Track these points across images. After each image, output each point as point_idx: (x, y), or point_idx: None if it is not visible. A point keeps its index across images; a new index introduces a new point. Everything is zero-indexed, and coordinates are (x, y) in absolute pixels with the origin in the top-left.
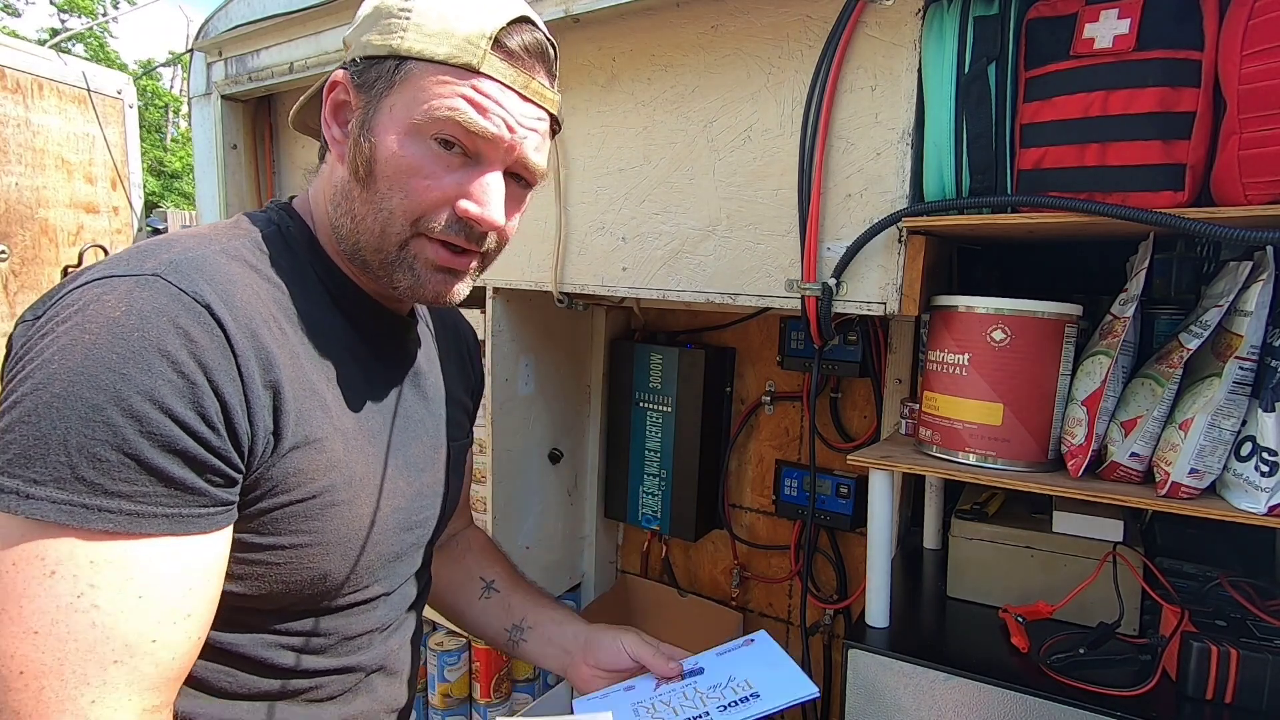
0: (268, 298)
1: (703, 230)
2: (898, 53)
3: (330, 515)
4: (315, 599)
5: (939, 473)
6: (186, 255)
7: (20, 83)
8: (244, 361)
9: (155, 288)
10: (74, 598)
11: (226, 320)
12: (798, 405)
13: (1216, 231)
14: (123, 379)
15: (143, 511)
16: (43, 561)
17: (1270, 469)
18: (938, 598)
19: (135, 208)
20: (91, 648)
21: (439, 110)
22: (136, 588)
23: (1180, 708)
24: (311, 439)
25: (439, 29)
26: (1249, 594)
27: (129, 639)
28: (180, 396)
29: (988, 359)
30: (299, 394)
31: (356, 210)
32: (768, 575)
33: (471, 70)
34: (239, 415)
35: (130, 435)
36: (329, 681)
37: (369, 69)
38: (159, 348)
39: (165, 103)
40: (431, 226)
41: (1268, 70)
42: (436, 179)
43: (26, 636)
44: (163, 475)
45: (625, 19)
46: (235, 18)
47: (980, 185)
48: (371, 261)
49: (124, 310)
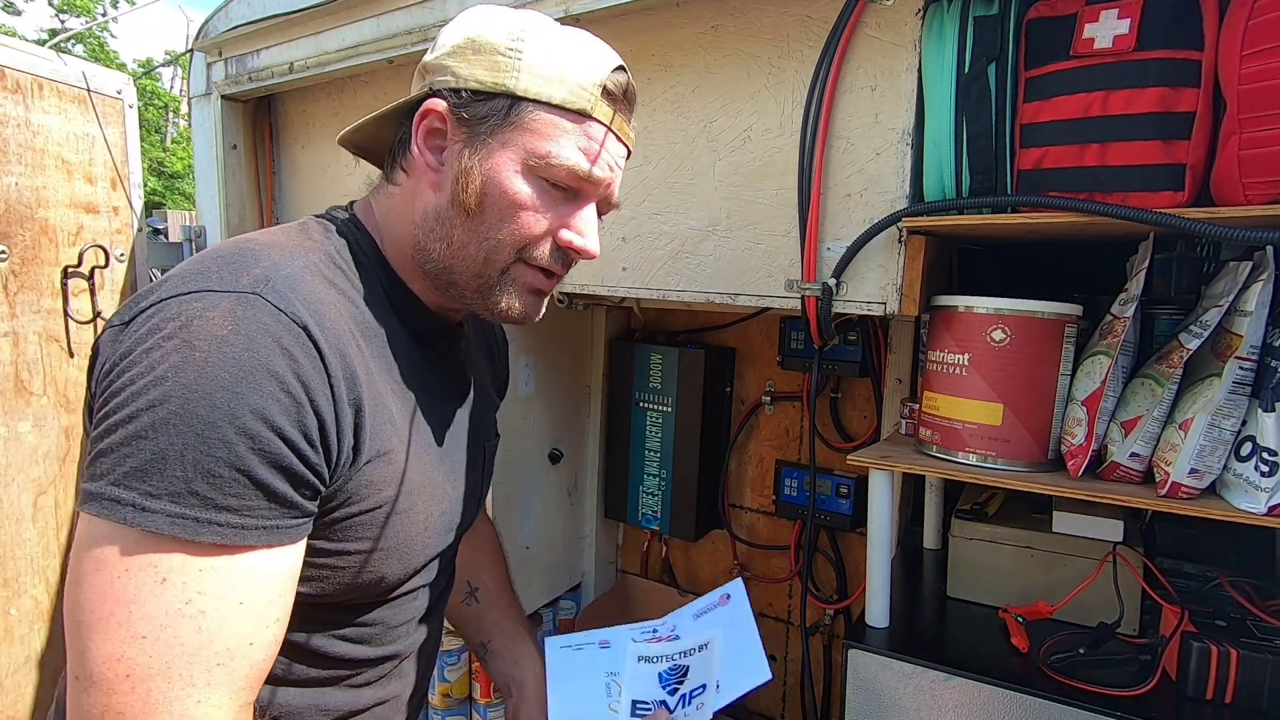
0: (346, 315)
1: (703, 230)
2: (898, 53)
3: (392, 523)
4: (371, 597)
5: (939, 473)
6: (278, 273)
7: (20, 83)
8: (335, 381)
9: (257, 307)
10: (182, 604)
11: (321, 342)
12: (798, 405)
13: (1216, 231)
14: (237, 398)
15: (247, 524)
16: (155, 570)
17: (1270, 469)
18: (938, 598)
19: (135, 208)
20: (197, 651)
21: (556, 159)
22: (238, 595)
23: (1180, 708)
24: (383, 452)
25: (553, 74)
26: (1249, 594)
27: (230, 643)
28: (287, 415)
29: (988, 359)
30: (374, 409)
31: (456, 237)
32: (768, 575)
33: (584, 115)
34: (332, 432)
35: (243, 452)
36: (370, 667)
37: (475, 103)
38: (268, 368)
39: (165, 103)
40: (535, 255)
41: (1268, 70)
42: (543, 213)
43: (134, 641)
44: (268, 490)
45: (625, 19)
46: (235, 18)
47: (980, 185)
48: (467, 285)
49: (231, 329)
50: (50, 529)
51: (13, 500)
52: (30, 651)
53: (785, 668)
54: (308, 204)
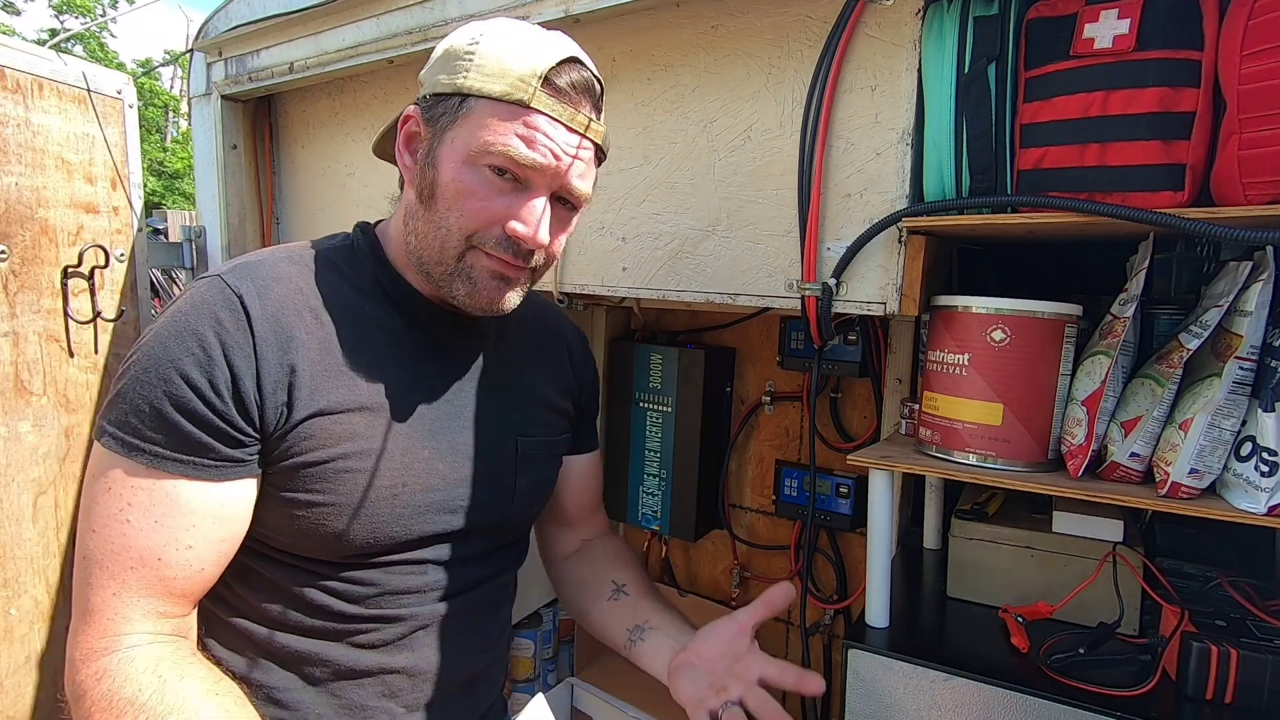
0: (310, 292)
1: (703, 230)
2: (898, 53)
3: (344, 480)
4: (346, 554)
5: (939, 473)
6: (250, 260)
7: (20, 83)
8: (262, 342)
9: (212, 285)
10: (116, 510)
11: (254, 309)
12: (798, 405)
13: (1216, 231)
14: (164, 350)
15: (166, 455)
16: (105, 479)
17: (1270, 469)
18: (938, 598)
19: (135, 208)
20: (120, 552)
21: (493, 145)
22: (156, 514)
23: (1180, 708)
24: (327, 410)
25: (496, 69)
26: (1249, 594)
27: (142, 552)
28: (198, 367)
29: (988, 359)
30: (319, 372)
31: (419, 228)
32: (768, 575)
33: (523, 105)
34: (249, 385)
35: (159, 394)
36: (369, 629)
37: (436, 104)
38: (193, 329)
39: (164, 103)
40: (484, 241)
41: (1268, 70)
42: (489, 200)
43: (90, 533)
44: (177, 429)
45: (625, 19)
46: (235, 18)
47: (980, 185)
48: (434, 273)
49: (185, 302)
50: (50, 529)
51: (13, 500)
52: (30, 651)
53: None
54: (308, 204)
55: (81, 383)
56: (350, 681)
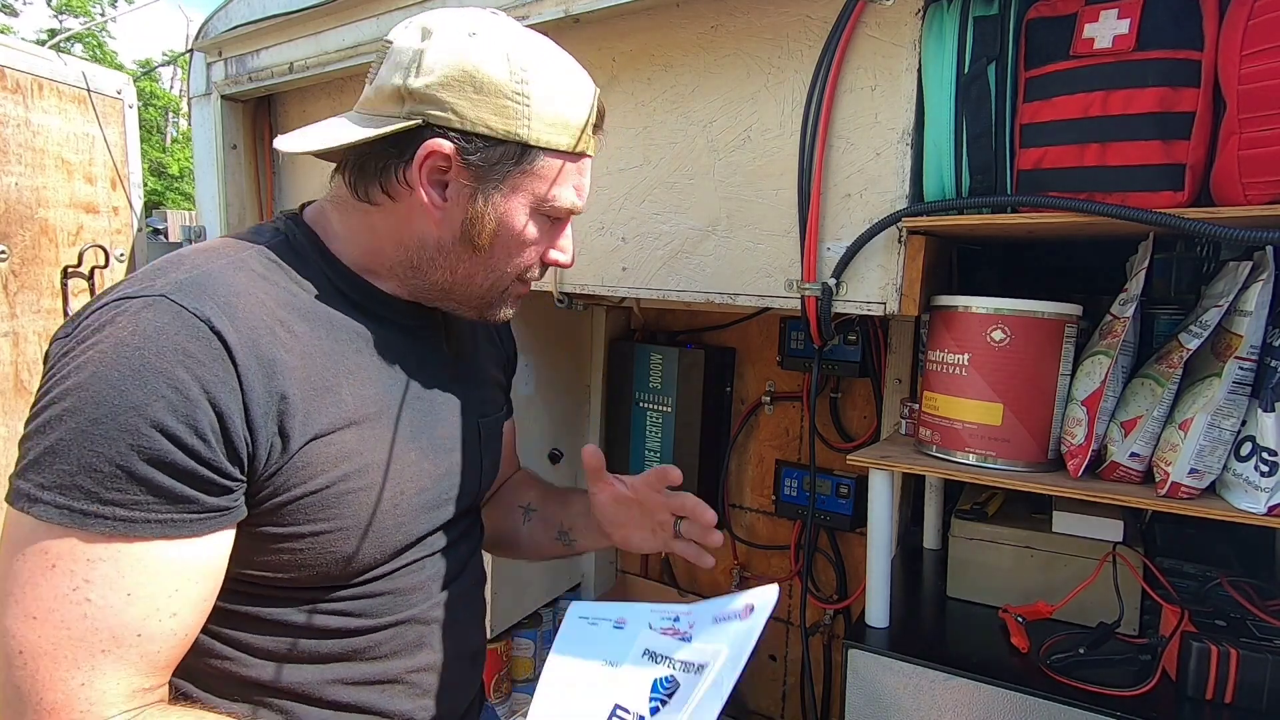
0: (275, 303)
1: (703, 230)
2: (898, 53)
3: (346, 502)
4: (351, 576)
5: (939, 473)
6: (194, 273)
7: (20, 83)
8: (245, 373)
9: (160, 308)
10: (69, 590)
11: (228, 334)
12: (798, 405)
13: (1216, 231)
14: (121, 395)
15: (135, 517)
16: (45, 555)
17: (1270, 469)
18: (938, 598)
19: (135, 208)
20: (83, 636)
21: (558, 201)
22: (126, 586)
23: (1180, 708)
24: (321, 434)
25: (558, 120)
26: (1249, 594)
27: (116, 631)
28: (173, 412)
29: (987, 359)
30: (308, 394)
31: (462, 270)
32: (768, 575)
33: (583, 155)
34: (237, 424)
35: (123, 449)
36: (389, 637)
37: (486, 149)
38: (157, 367)
39: (165, 104)
40: (530, 275)
41: (1268, 70)
42: (538, 243)
43: (27, 621)
44: (152, 485)
45: (625, 19)
46: (235, 18)
47: (980, 185)
48: (465, 302)
49: (130, 331)
50: None
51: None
52: None
53: (785, 668)
54: None
55: None
56: (378, 691)
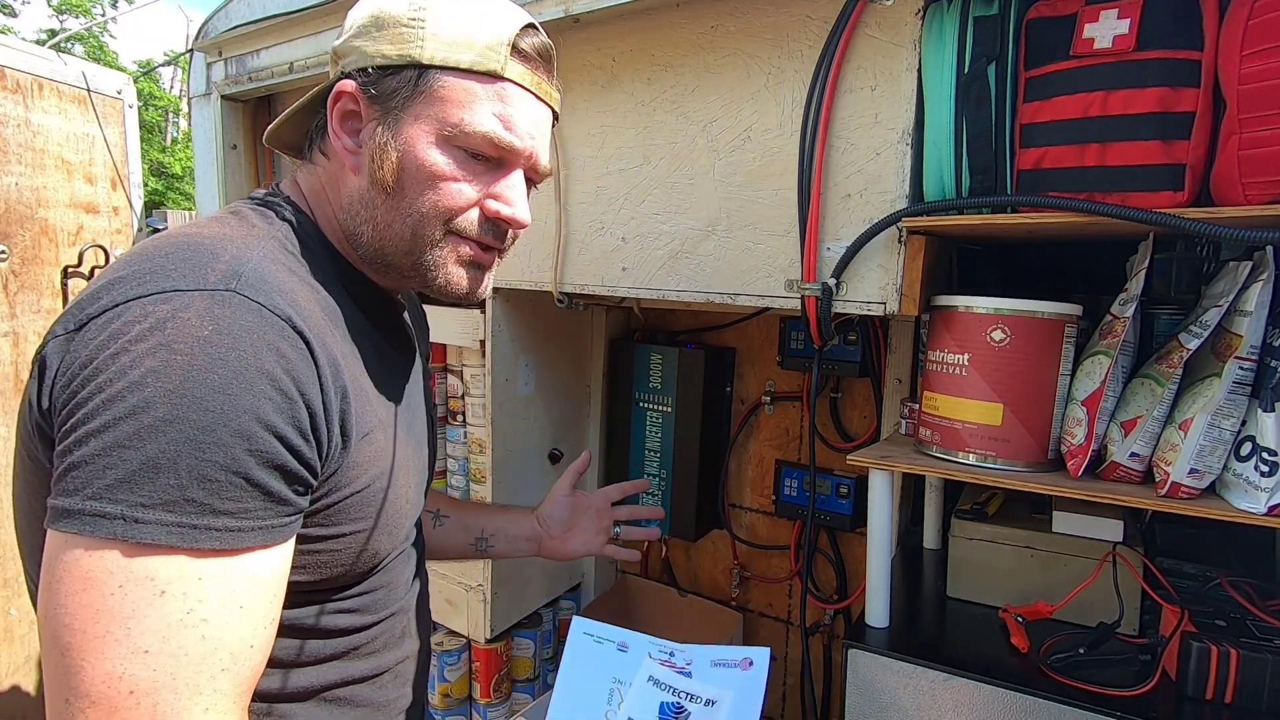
0: (314, 301)
1: (703, 230)
2: (898, 53)
3: (373, 502)
4: (365, 573)
5: (939, 473)
6: (244, 266)
7: (20, 83)
8: (323, 370)
9: (235, 304)
10: (184, 614)
11: (307, 332)
12: (798, 405)
13: (1216, 231)
14: (229, 399)
15: (244, 527)
16: (153, 582)
17: (1270, 469)
18: (938, 598)
19: (135, 208)
20: (202, 660)
21: (469, 126)
22: (239, 599)
23: (1180, 708)
24: (365, 432)
25: (458, 38)
26: (1249, 594)
27: (233, 647)
28: (281, 413)
29: (988, 359)
30: (355, 392)
31: (380, 217)
32: (768, 575)
33: (495, 76)
34: (322, 423)
35: (240, 454)
36: (382, 631)
37: (383, 79)
38: (258, 366)
39: (165, 104)
40: (464, 227)
41: (1268, 70)
42: (465, 182)
43: (136, 656)
44: (265, 490)
45: (625, 19)
46: (235, 18)
47: (980, 185)
48: (401, 264)
49: (212, 329)
50: None
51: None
52: (30, 651)
53: (785, 668)
54: None
55: None
56: (370, 685)
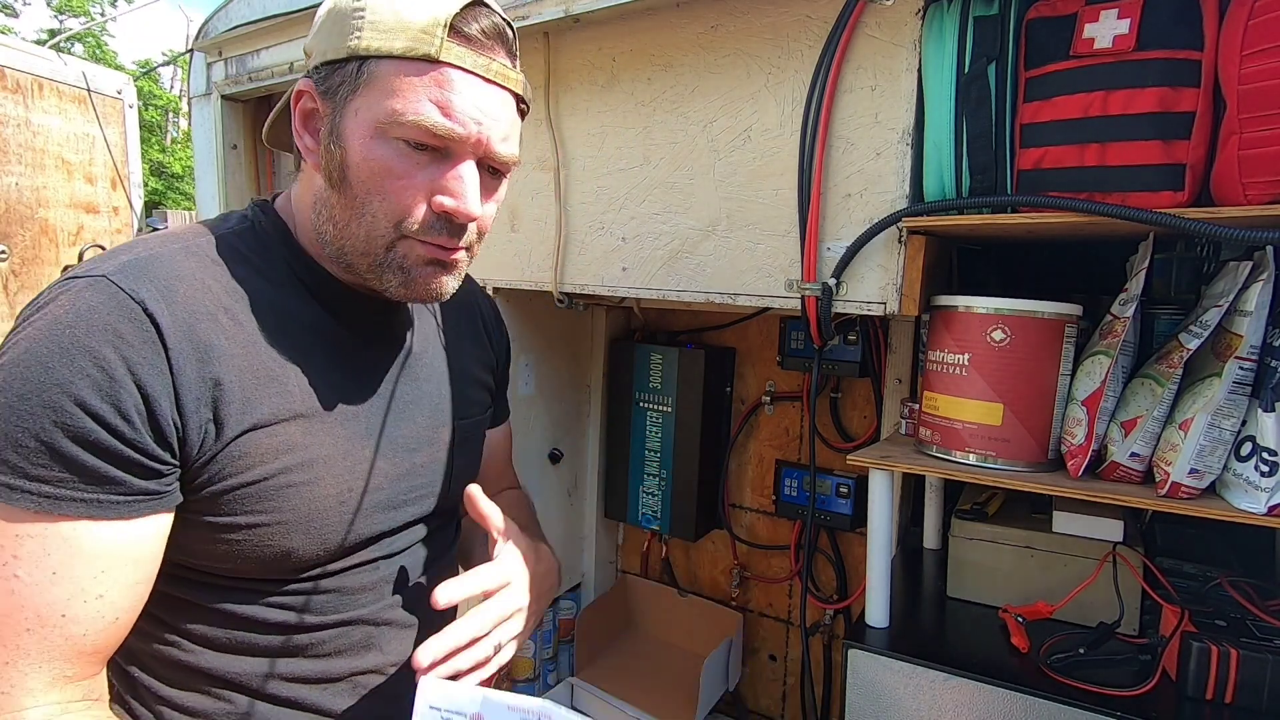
0: (221, 290)
1: (703, 230)
2: (898, 53)
3: (287, 495)
4: (293, 571)
5: (939, 473)
6: (141, 255)
7: (20, 83)
8: (177, 356)
9: (99, 288)
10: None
11: (161, 317)
12: (798, 405)
13: (1216, 231)
14: (47, 372)
15: (60, 495)
16: None
17: (1270, 469)
18: (938, 598)
19: (135, 208)
20: (8, 614)
21: (404, 115)
22: (52, 564)
23: (1180, 708)
24: (262, 424)
25: (393, 24)
26: (1249, 594)
27: (40, 610)
28: (97, 391)
29: (988, 359)
30: (248, 382)
31: (337, 216)
32: (768, 575)
33: (431, 60)
34: (166, 407)
35: (47, 425)
36: (332, 636)
37: (331, 74)
38: (85, 345)
39: (164, 104)
40: (413, 227)
41: (1268, 70)
42: (410, 177)
43: None
44: (76, 465)
45: (625, 19)
46: (235, 18)
47: (980, 185)
48: (359, 265)
49: (66, 309)
50: None
51: None
52: None
53: (785, 668)
54: None
55: None
56: (321, 689)
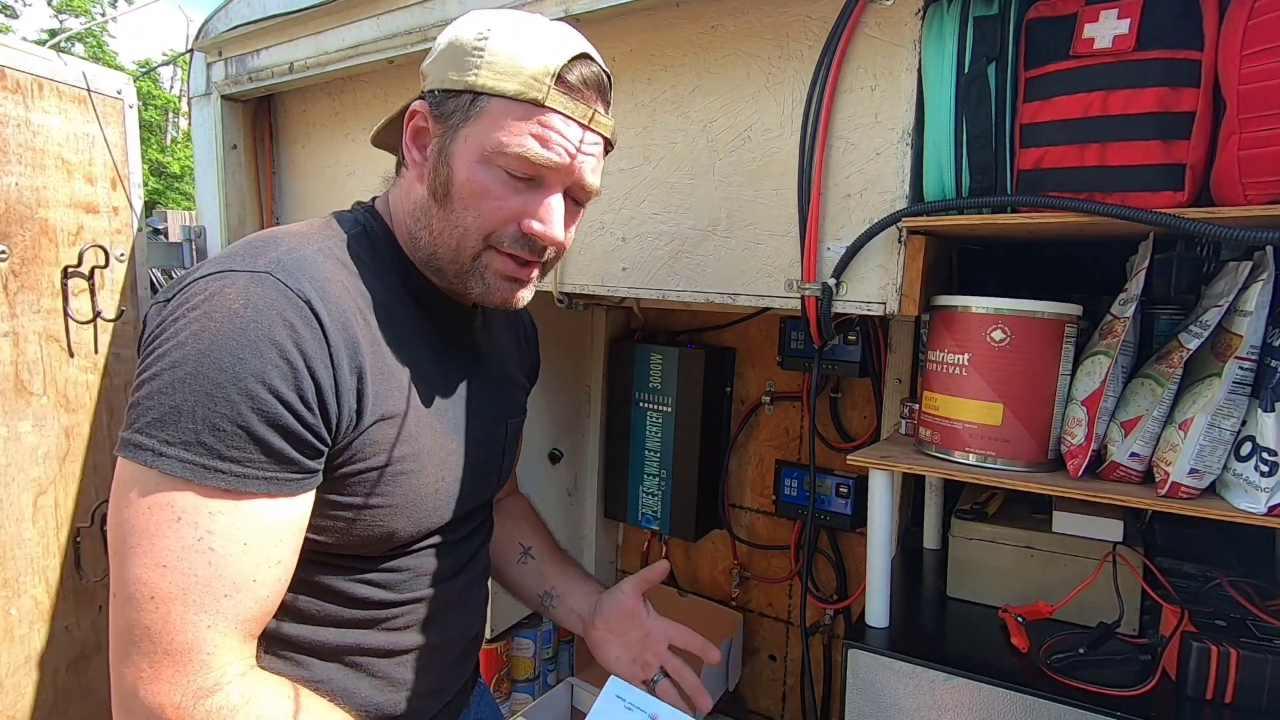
0: (355, 292)
1: (703, 230)
2: (898, 53)
3: (400, 482)
4: (387, 550)
5: (939, 473)
6: (291, 255)
7: (20, 83)
8: (335, 349)
9: (267, 284)
10: (195, 540)
11: (323, 314)
12: (798, 405)
13: (1216, 231)
14: (241, 363)
15: (249, 474)
16: (171, 509)
17: (1270, 469)
18: (938, 598)
19: (135, 208)
20: (209, 583)
21: (509, 146)
22: (244, 536)
23: (1180, 708)
24: (387, 415)
25: (508, 67)
26: (1249, 594)
27: (236, 578)
28: (285, 380)
29: (987, 359)
30: (378, 376)
31: (434, 226)
32: (768, 575)
33: (537, 105)
34: (330, 396)
35: (244, 410)
36: (404, 612)
37: (446, 101)
38: (270, 337)
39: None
40: (500, 241)
41: (1268, 70)
42: (505, 200)
43: (156, 569)
44: (266, 446)
45: (625, 19)
46: (235, 18)
47: (980, 185)
48: (448, 270)
49: (242, 303)
50: (50, 529)
51: (13, 500)
52: (30, 651)
53: (785, 668)
54: (308, 204)
55: (81, 383)
56: (389, 660)
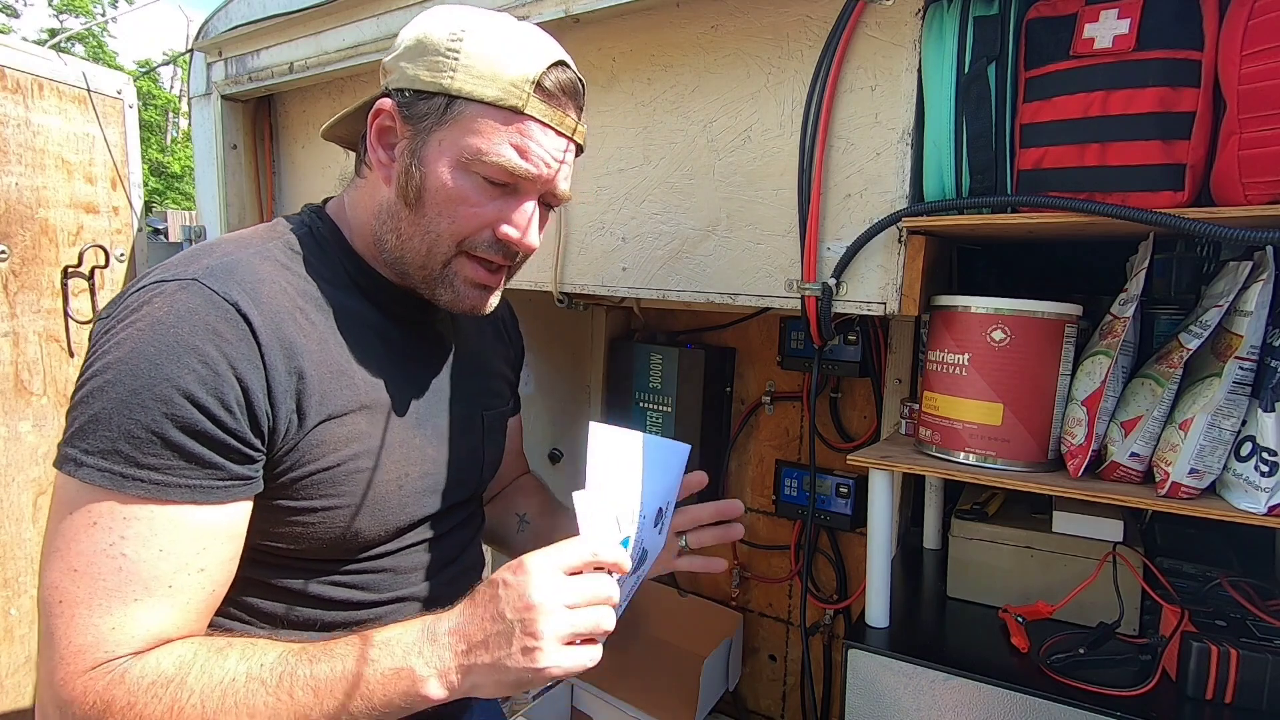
0: (296, 292)
1: (703, 230)
2: (898, 53)
3: (356, 480)
4: (356, 550)
5: (939, 473)
6: (223, 260)
7: (20, 83)
8: (268, 352)
9: (193, 291)
10: (107, 545)
11: (253, 317)
12: (798, 405)
13: (1216, 231)
14: (155, 369)
15: (168, 482)
16: (88, 515)
17: (1270, 469)
18: (938, 598)
19: (135, 208)
20: (117, 587)
21: (487, 154)
22: (160, 542)
23: (1180, 708)
24: (335, 414)
25: (487, 72)
26: (1249, 594)
27: (149, 583)
28: (203, 385)
29: (987, 359)
30: (324, 375)
31: (403, 230)
32: (768, 575)
33: (516, 112)
34: (260, 399)
35: (158, 417)
36: (390, 611)
37: (417, 102)
38: (190, 344)
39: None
40: (474, 246)
41: (1268, 70)
42: (481, 207)
43: (68, 573)
44: (184, 452)
45: (625, 19)
46: (235, 18)
47: (980, 185)
48: (415, 275)
49: (166, 311)
50: None
51: (13, 500)
52: (30, 651)
53: (785, 668)
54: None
55: None
56: None
